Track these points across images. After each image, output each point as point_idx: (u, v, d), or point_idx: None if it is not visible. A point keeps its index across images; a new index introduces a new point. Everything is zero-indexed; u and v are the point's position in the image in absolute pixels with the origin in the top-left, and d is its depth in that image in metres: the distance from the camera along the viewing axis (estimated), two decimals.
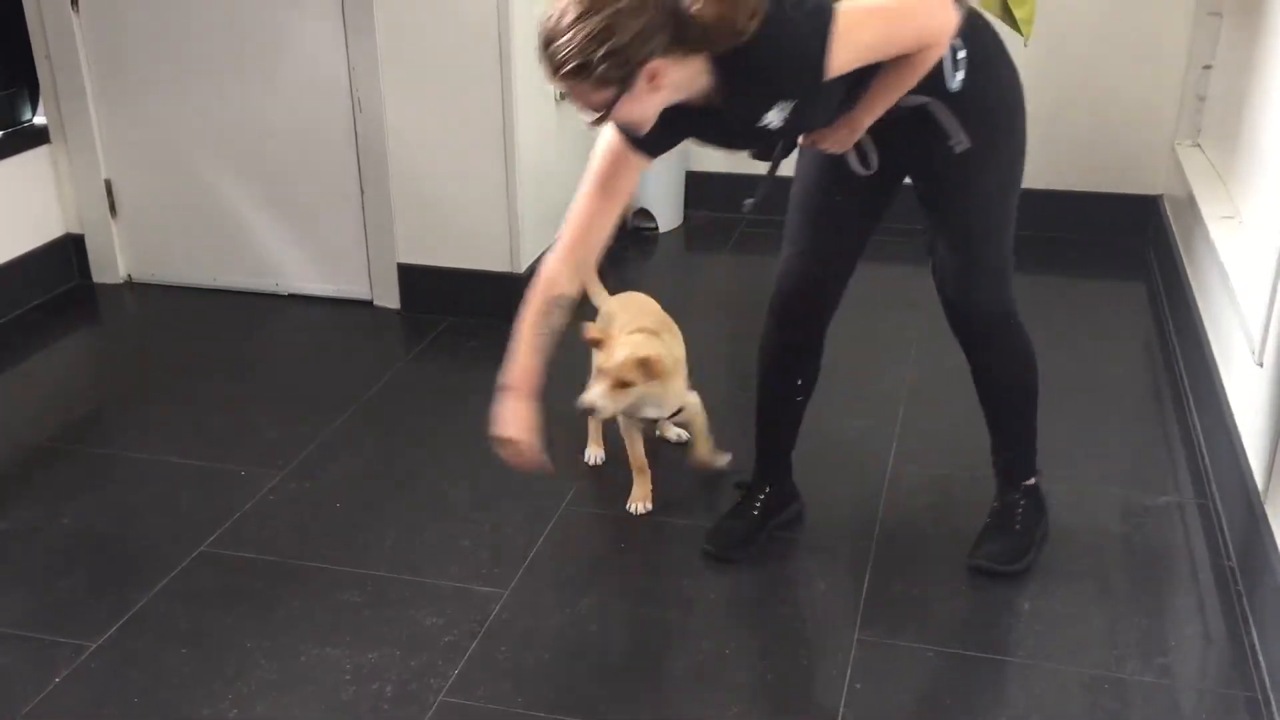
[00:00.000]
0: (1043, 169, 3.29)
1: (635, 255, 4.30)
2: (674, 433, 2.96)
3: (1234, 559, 2.44)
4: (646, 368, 2.49)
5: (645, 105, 1.80)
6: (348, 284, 3.76)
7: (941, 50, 1.92)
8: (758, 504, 2.56)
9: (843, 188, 2.26)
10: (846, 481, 2.82)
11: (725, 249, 4.28)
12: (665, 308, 3.65)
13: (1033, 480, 2.50)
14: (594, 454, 2.91)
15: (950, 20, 1.87)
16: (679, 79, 1.80)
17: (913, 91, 1.97)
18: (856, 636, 2.27)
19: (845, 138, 2.07)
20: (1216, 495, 2.66)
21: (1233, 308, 2.79)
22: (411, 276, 3.67)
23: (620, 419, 2.70)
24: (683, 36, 1.74)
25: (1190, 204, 3.48)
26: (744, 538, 2.53)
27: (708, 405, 2.76)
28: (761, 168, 2.19)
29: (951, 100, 2.06)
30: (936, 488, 2.75)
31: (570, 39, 1.72)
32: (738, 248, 4.29)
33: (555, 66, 1.76)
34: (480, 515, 2.67)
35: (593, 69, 1.72)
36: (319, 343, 3.62)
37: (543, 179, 3.66)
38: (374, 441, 3.01)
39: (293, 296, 3.82)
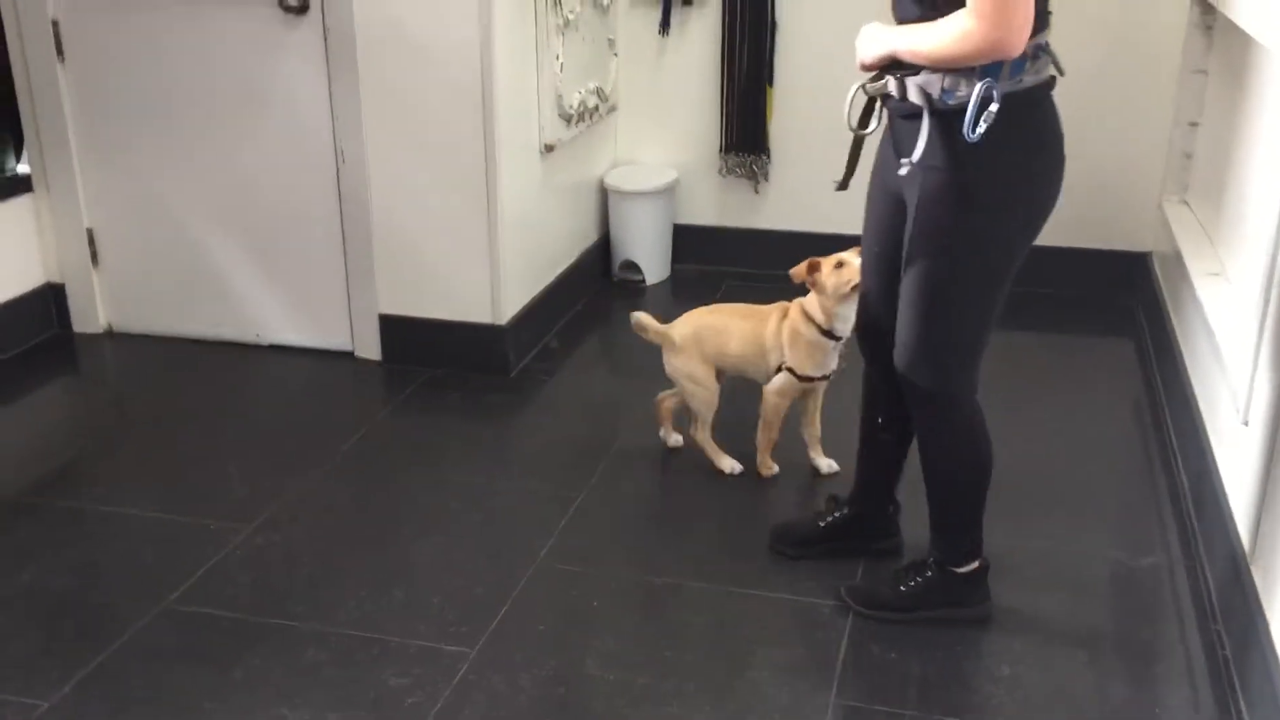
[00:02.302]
0: None
1: (621, 306, 4.25)
2: (826, 464, 3.02)
3: (1220, 623, 2.38)
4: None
5: None
6: (329, 335, 3.73)
7: (980, 45, 1.86)
8: (828, 519, 2.61)
9: (897, 231, 2.22)
10: None
11: (713, 300, 4.22)
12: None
13: (961, 569, 2.38)
14: (732, 464, 2.99)
15: (1010, 38, 1.84)
16: None
17: (923, 96, 2.00)
18: (833, 700, 2.20)
19: (875, 51, 2.08)
20: (1203, 557, 2.60)
21: (1219, 365, 2.75)
22: (393, 327, 3.64)
23: (778, 398, 2.89)
24: None
25: (1178, 260, 3.45)
26: (799, 539, 2.63)
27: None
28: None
29: (953, 141, 1.99)
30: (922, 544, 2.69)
31: None
32: (727, 298, 4.24)
33: None
34: (451, 572, 2.61)
35: None
36: (298, 394, 3.58)
37: (525, 231, 3.64)
38: (347, 496, 2.96)
39: (274, 347, 3.78)
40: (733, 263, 4.44)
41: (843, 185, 2.32)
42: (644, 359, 3.18)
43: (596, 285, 4.29)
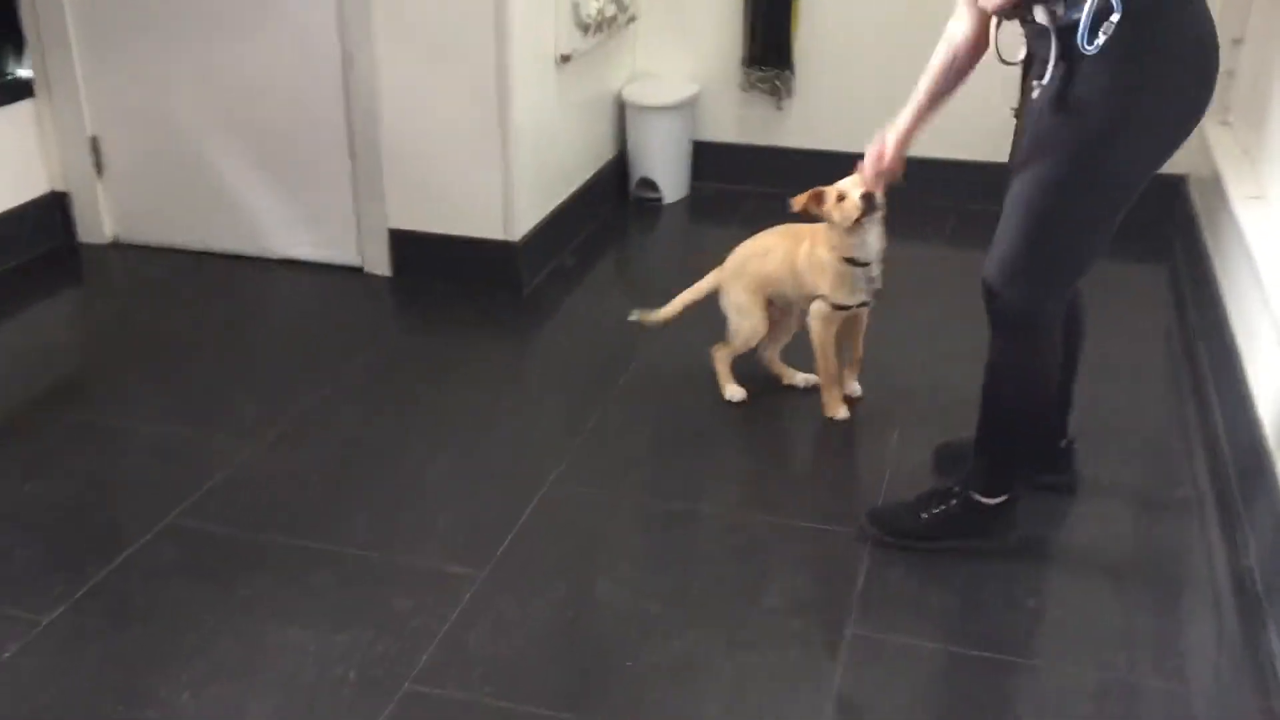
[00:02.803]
0: None
1: (638, 226, 4.16)
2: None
3: (1253, 558, 2.30)
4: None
5: None
6: (337, 249, 3.64)
7: None
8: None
9: None
10: (845, 465, 2.70)
11: (733, 221, 4.11)
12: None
13: (989, 500, 2.30)
14: (735, 391, 2.86)
15: None
16: None
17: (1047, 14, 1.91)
18: (849, 632, 2.14)
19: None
20: (1237, 490, 2.51)
21: (1258, 291, 2.64)
22: (403, 243, 3.54)
23: (820, 323, 2.75)
24: None
25: (1216, 184, 3.31)
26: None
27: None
28: None
29: (1073, 55, 1.89)
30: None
31: None
32: (746, 220, 4.10)
33: None
34: (461, 494, 2.55)
35: None
36: (306, 310, 3.50)
37: (540, 144, 3.52)
38: (356, 414, 2.89)
39: (282, 261, 3.69)
40: (754, 182, 4.30)
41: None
42: (663, 281, 3.09)
43: (613, 203, 4.18)
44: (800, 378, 2.93)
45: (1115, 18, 1.83)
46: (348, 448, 2.73)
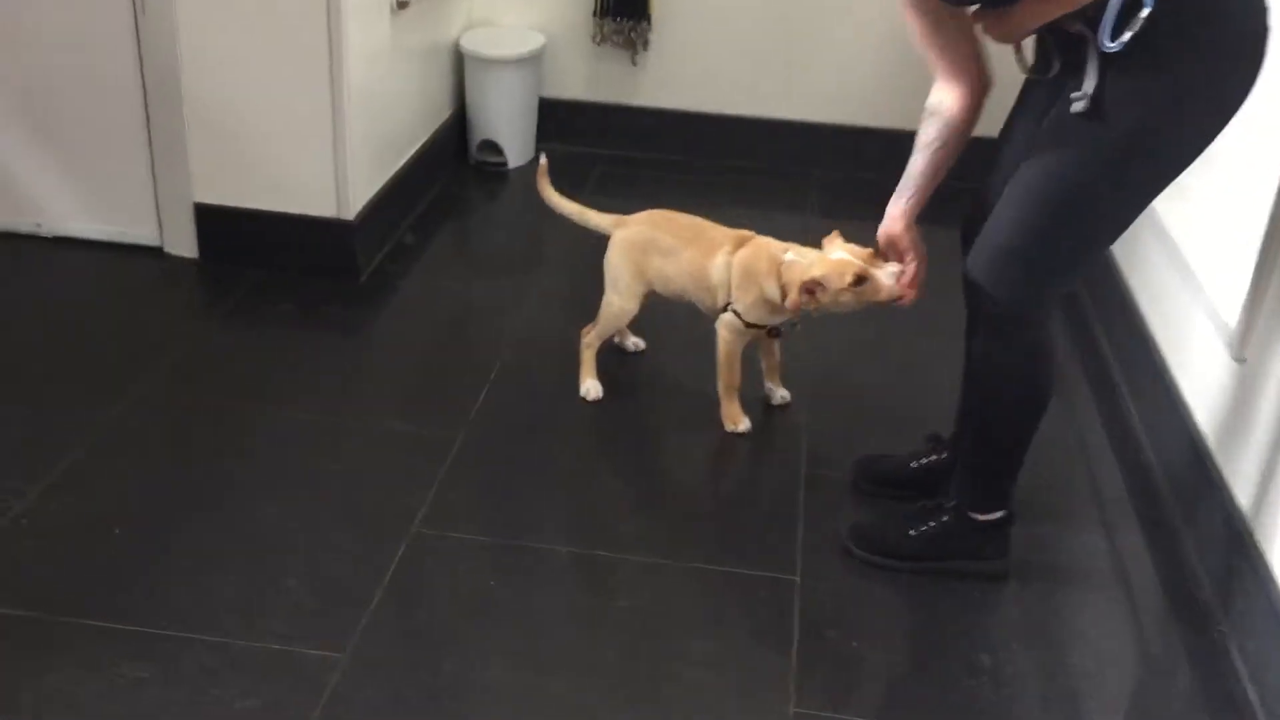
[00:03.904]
0: None
1: (481, 194, 3.71)
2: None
3: (1200, 566, 2.10)
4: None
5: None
6: (130, 226, 3.06)
7: None
8: (924, 461, 2.20)
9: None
10: (757, 489, 2.37)
11: (584, 188, 3.72)
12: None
13: (984, 516, 2.07)
14: (590, 387, 2.57)
15: None
16: None
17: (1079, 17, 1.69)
18: (792, 710, 1.82)
19: (1003, 32, 1.81)
20: (1169, 497, 2.31)
21: (1187, 292, 2.43)
22: (212, 220, 3.00)
23: (730, 334, 2.43)
24: None
25: None
26: (882, 475, 2.28)
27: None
28: None
29: (1103, 57, 1.69)
30: (852, 492, 2.33)
31: None
32: (599, 187, 3.74)
33: None
34: (305, 546, 2.10)
35: None
36: (93, 301, 2.92)
37: (376, 105, 3.03)
38: (163, 438, 2.38)
39: (59, 240, 3.09)
40: (606, 144, 3.91)
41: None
42: (512, 256, 2.68)
43: (452, 169, 3.71)
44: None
45: (1145, 13, 1.62)
46: (153, 488, 2.23)
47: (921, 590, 2.08)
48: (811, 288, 2.21)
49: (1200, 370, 2.34)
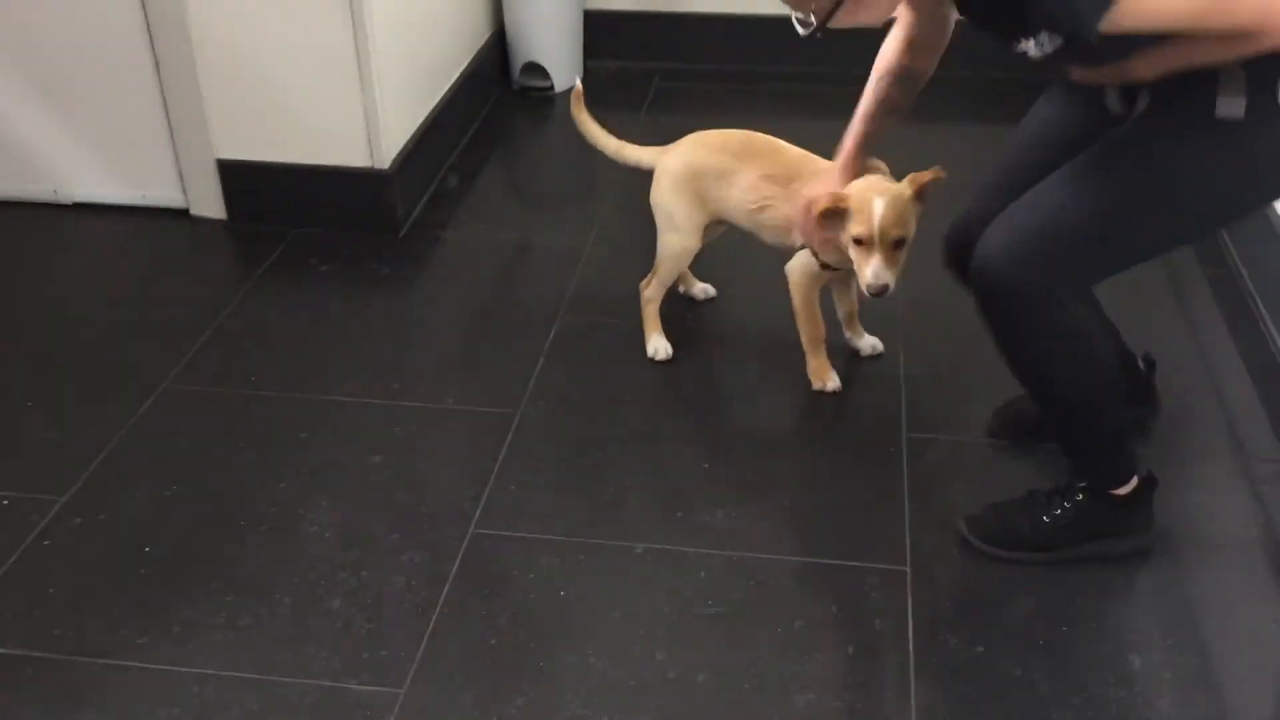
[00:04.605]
0: None
1: (527, 123, 3.42)
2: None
3: None
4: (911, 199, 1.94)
5: (873, 13, 1.49)
6: (151, 187, 2.83)
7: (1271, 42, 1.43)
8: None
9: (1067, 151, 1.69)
10: (861, 459, 2.10)
11: (640, 108, 3.42)
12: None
13: (1121, 490, 1.81)
14: (659, 346, 2.31)
15: None
16: None
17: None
18: None
19: (1111, 78, 1.65)
20: None
21: None
22: (238, 177, 2.75)
23: (804, 278, 2.16)
24: None
25: None
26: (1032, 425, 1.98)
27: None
28: None
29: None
30: (963, 457, 2.06)
31: None
32: (656, 105, 3.44)
33: None
34: (354, 554, 1.88)
35: None
36: (116, 272, 2.70)
37: (405, 35, 2.74)
38: (197, 434, 2.17)
39: (78, 206, 2.87)
40: (661, 57, 3.59)
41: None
42: (566, 190, 2.40)
43: (495, 97, 3.41)
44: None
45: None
46: (185, 497, 2.01)
47: (1052, 580, 1.81)
48: (833, 212, 1.93)
49: None
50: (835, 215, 1.93)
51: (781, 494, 2.01)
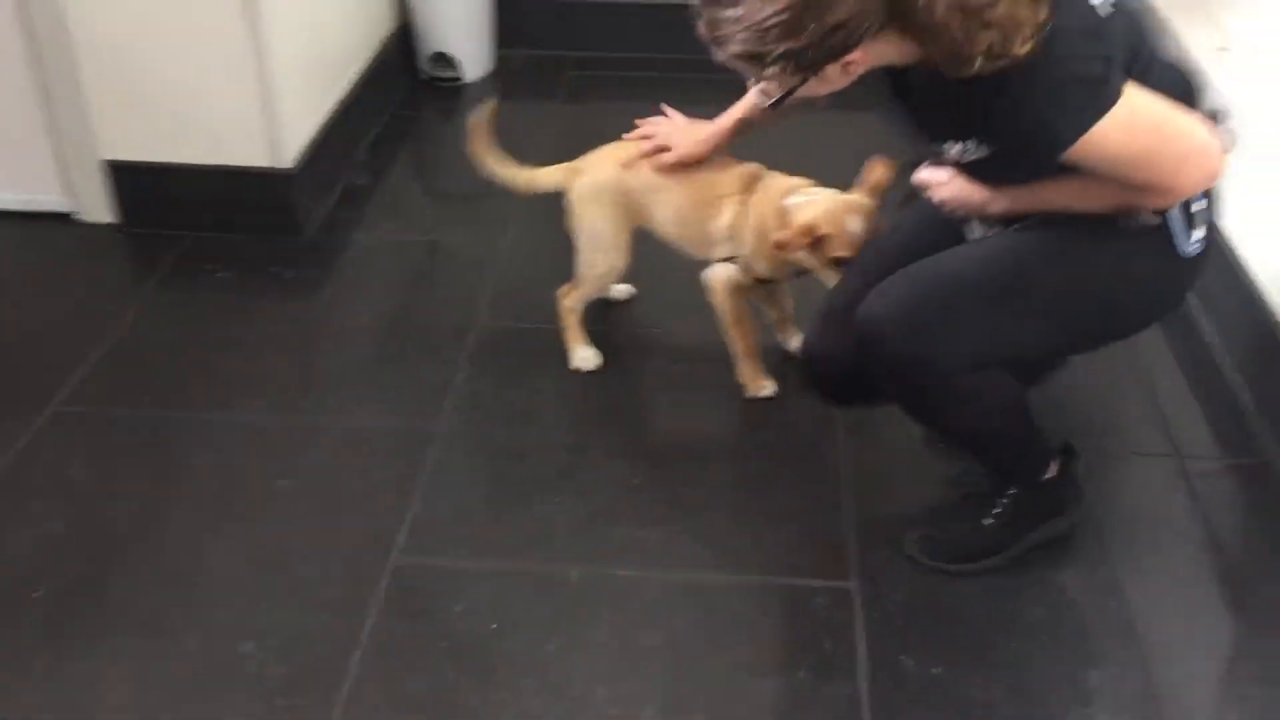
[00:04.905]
0: None
1: (437, 116, 3.27)
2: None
3: None
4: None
5: (831, 86, 1.43)
6: (30, 190, 2.63)
7: (1171, 202, 1.49)
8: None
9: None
10: (800, 469, 2.02)
11: (555, 97, 3.30)
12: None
13: (1044, 475, 1.79)
14: (586, 356, 2.19)
15: (1204, 181, 1.48)
16: (882, 54, 1.41)
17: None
18: None
19: (976, 208, 1.62)
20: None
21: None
22: (128, 179, 2.57)
23: (728, 287, 2.06)
24: (900, 20, 1.35)
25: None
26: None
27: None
28: None
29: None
30: (902, 458, 1.99)
31: (742, 18, 1.33)
32: (572, 95, 3.32)
33: (715, 38, 1.38)
34: (264, 591, 1.74)
35: (766, 62, 1.36)
36: None
37: (304, 25, 2.59)
38: (88, 461, 2.00)
39: None
40: (577, 44, 3.46)
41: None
42: (481, 187, 2.29)
43: (402, 89, 3.26)
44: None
45: (1200, 206, 1.54)
46: (74, 532, 1.85)
47: (1001, 589, 1.75)
48: (814, 243, 1.83)
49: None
50: (812, 246, 1.84)
51: (718, 508, 1.91)
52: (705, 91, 3.19)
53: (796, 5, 1.30)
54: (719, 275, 2.06)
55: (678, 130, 2.01)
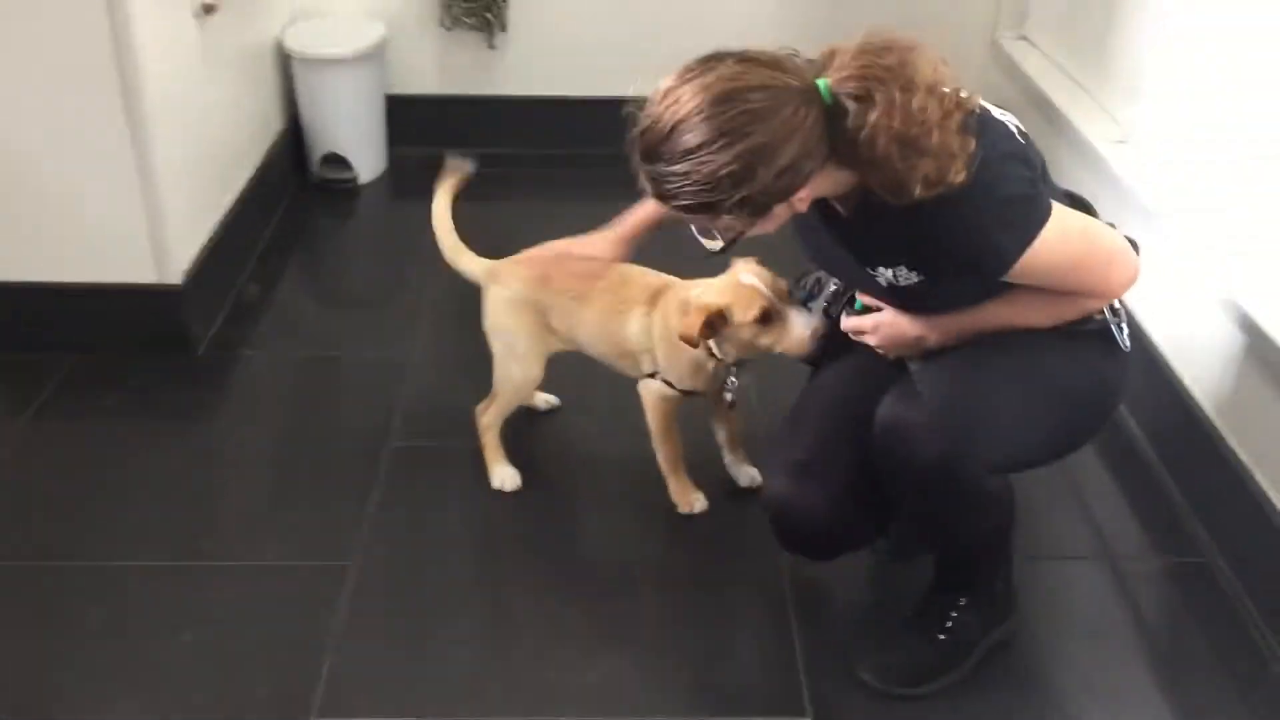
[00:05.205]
0: None
1: (331, 220, 3.16)
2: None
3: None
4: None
5: (778, 222, 1.42)
6: None
7: (1098, 306, 1.54)
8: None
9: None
10: (737, 595, 1.92)
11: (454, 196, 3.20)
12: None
13: (997, 579, 1.79)
14: (506, 476, 2.08)
15: (1132, 279, 1.52)
16: (824, 186, 1.41)
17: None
18: None
19: (912, 346, 1.58)
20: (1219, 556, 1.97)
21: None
22: (2, 300, 2.39)
23: (659, 400, 1.97)
24: (840, 154, 1.36)
25: (1049, 124, 2.75)
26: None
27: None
28: None
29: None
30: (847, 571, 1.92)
31: (690, 173, 1.32)
32: (467, 191, 3.21)
33: (660, 193, 1.36)
34: None
35: (719, 212, 1.36)
36: None
37: (190, 134, 2.47)
38: None
39: None
40: (469, 142, 3.30)
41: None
42: (382, 293, 2.18)
43: (292, 194, 3.14)
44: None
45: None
46: None
47: (954, 710, 1.68)
48: (714, 320, 1.76)
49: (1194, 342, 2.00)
50: (716, 325, 1.77)
51: (659, 642, 1.81)
52: (608, 187, 3.14)
53: (744, 154, 1.29)
54: (649, 389, 1.98)
55: (586, 241, 1.92)
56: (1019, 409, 1.51)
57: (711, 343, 1.82)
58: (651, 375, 1.96)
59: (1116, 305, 1.58)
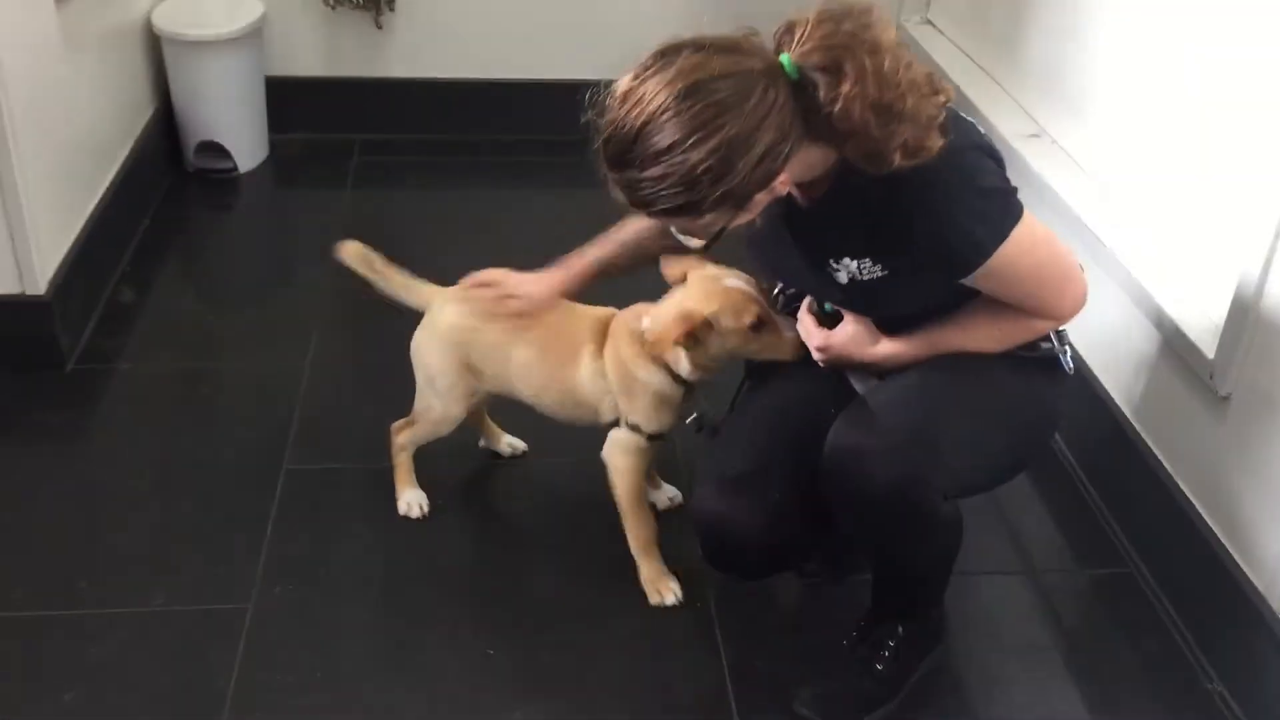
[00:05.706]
0: None
1: (209, 213, 2.96)
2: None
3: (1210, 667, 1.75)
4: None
5: (758, 209, 1.36)
6: None
7: (1047, 329, 1.52)
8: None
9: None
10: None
11: (343, 184, 3.03)
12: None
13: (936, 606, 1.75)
14: (412, 501, 1.95)
15: (1081, 302, 1.50)
16: (802, 167, 1.36)
17: None
18: None
19: (856, 366, 1.55)
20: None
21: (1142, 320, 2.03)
22: None
23: (629, 458, 1.78)
24: (816, 131, 1.30)
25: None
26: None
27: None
28: None
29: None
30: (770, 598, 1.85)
31: (665, 175, 1.25)
32: (361, 180, 3.07)
33: (636, 200, 1.29)
34: None
35: (702, 210, 1.28)
36: None
37: (50, 127, 2.26)
38: None
39: None
40: (359, 128, 3.22)
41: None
42: (268, 293, 2.03)
43: (167, 184, 2.93)
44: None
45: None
46: None
47: None
48: (698, 330, 1.60)
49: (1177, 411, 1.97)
50: (701, 335, 1.61)
51: (586, 677, 1.71)
52: (500, 174, 3.01)
53: (720, 148, 1.24)
54: (616, 445, 1.78)
55: (524, 279, 1.76)
56: (972, 434, 1.47)
57: (682, 356, 1.66)
58: (615, 424, 1.78)
59: (1061, 329, 1.55)
